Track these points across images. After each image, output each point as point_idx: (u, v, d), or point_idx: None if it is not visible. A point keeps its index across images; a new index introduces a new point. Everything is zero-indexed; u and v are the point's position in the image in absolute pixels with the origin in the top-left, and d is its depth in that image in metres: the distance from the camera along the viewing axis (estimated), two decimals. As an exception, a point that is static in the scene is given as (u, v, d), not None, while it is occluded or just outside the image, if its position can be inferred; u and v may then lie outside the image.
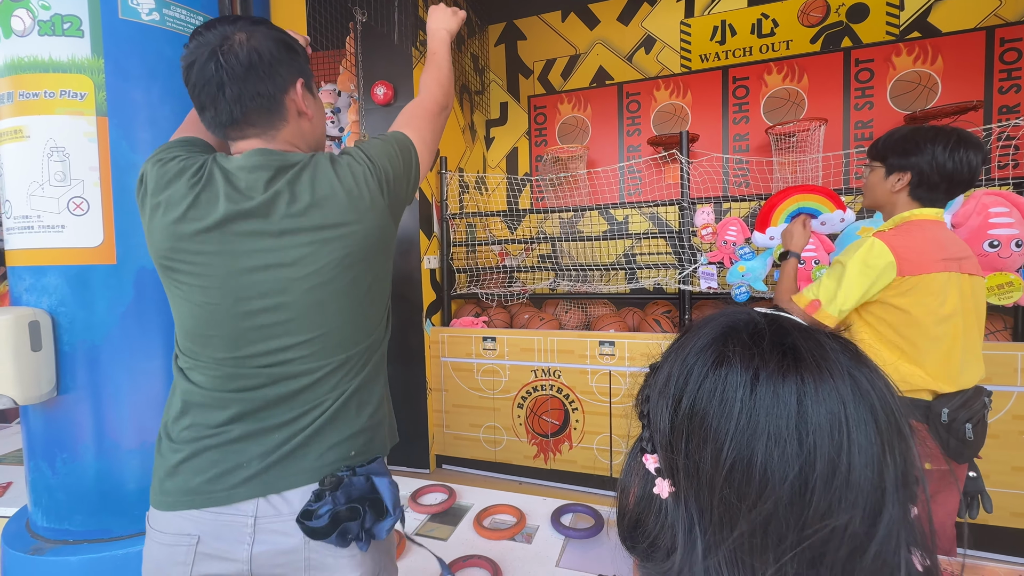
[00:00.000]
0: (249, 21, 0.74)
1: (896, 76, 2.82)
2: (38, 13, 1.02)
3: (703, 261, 2.47)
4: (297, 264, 0.70)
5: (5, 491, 1.42)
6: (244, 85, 0.71)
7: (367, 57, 2.78)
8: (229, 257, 0.70)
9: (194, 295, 0.71)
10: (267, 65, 0.72)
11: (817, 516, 0.31)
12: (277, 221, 0.70)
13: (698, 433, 0.35)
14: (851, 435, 0.31)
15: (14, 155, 1.05)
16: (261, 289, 0.70)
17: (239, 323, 0.70)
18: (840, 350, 0.34)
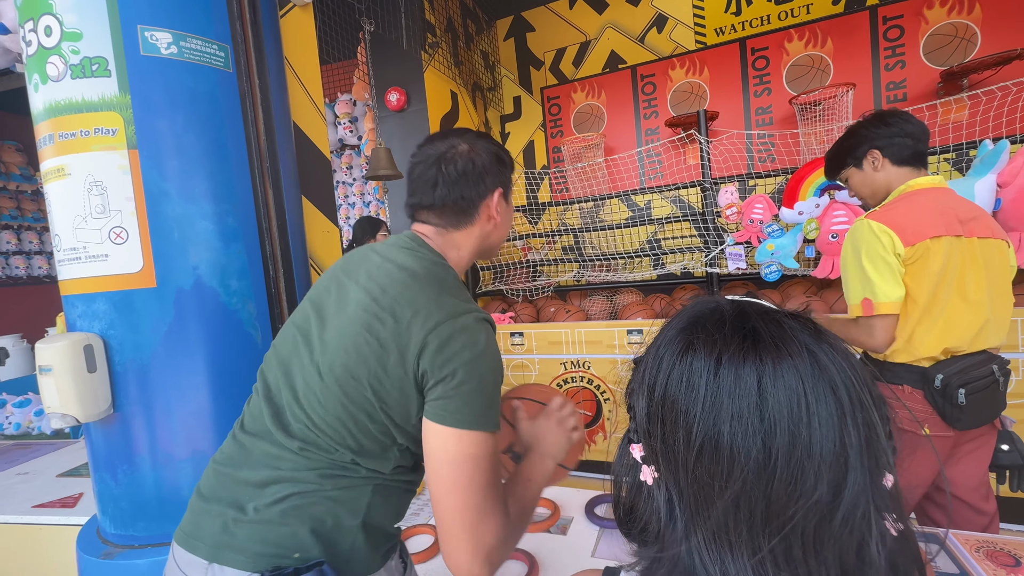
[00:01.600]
0: (474, 135, 0.82)
1: (929, 31, 2.65)
2: (69, 58, 1.09)
3: (730, 242, 2.41)
4: (338, 350, 0.71)
5: (77, 501, 1.54)
6: (453, 188, 0.78)
7: (378, 65, 2.83)
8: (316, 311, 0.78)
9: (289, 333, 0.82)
10: (479, 174, 0.79)
11: (783, 487, 0.33)
12: (367, 301, 0.74)
13: (670, 418, 0.37)
14: (810, 408, 0.33)
15: (59, 192, 1.12)
16: (307, 363, 0.74)
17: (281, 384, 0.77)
18: (800, 329, 0.36)
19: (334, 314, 0.74)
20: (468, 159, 0.78)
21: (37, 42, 1.11)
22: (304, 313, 0.78)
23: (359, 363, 0.69)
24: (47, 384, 1.07)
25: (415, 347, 0.67)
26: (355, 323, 0.71)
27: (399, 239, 0.81)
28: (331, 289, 0.77)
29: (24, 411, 2.75)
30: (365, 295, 0.73)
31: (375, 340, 0.69)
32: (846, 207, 2.14)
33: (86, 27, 1.08)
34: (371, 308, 0.71)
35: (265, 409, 0.74)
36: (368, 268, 0.76)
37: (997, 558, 0.94)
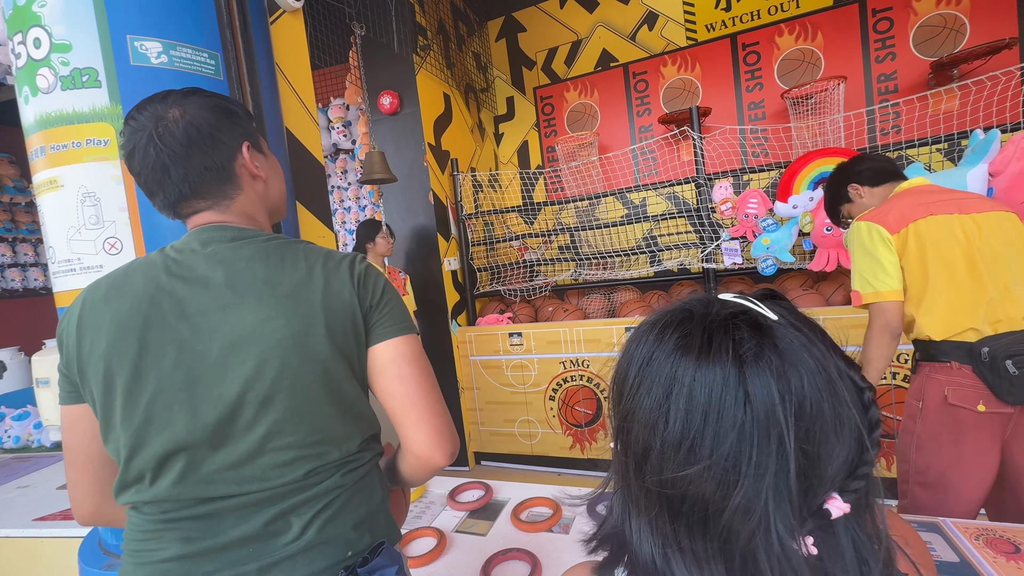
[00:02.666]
0: (180, 94, 0.70)
1: (918, 22, 2.66)
2: (59, 70, 1.08)
3: (725, 237, 2.41)
4: (253, 364, 0.63)
5: (78, 513, 1.54)
6: (188, 162, 0.67)
7: (370, 69, 2.83)
8: (181, 356, 0.62)
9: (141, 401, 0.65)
10: (208, 136, 0.68)
11: (670, 469, 0.37)
12: (232, 314, 0.64)
13: (615, 396, 0.43)
14: (708, 416, 0.36)
15: (52, 204, 1.12)
16: (217, 392, 0.63)
17: (195, 431, 0.63)
18: (745, 340, 0.37)
19: (232, 342, 0.63)
20: (187, 124, 0.67)
21: (26, 54, 1.11)
22: (159, 383, 0.62)
23: (320, 348, 0.65)
24: (45, 397, 1.07)
25: (348, 294, 0.69)
26: (272, 340, 0.63)
27: (203, 235, 0.68)
28: (178, 329, 0.63)
29: (23, 424, 2.74)
30: (255, 300, 0.64)
31: (317, 320, 0.65)
32: (840, 200, 2.15)
33: (75, 38, 1.08)
34: (279, 303, 0.64)
35: (208, 475, 0.63)
36: (213, 281, 0.65)
37: (996, 545, 0.95)
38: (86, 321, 0.65)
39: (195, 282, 0.65)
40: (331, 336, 0.66)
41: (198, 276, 0.65)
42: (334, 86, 3.61)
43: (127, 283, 0.65)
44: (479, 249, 3.18)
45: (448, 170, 3.07)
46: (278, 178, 0.80)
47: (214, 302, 0.64)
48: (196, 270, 0.66)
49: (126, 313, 0.63)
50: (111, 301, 0.64)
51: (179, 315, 0.63)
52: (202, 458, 0.62)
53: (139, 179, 0.69)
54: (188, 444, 0.61)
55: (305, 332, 0.65)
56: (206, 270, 0.65)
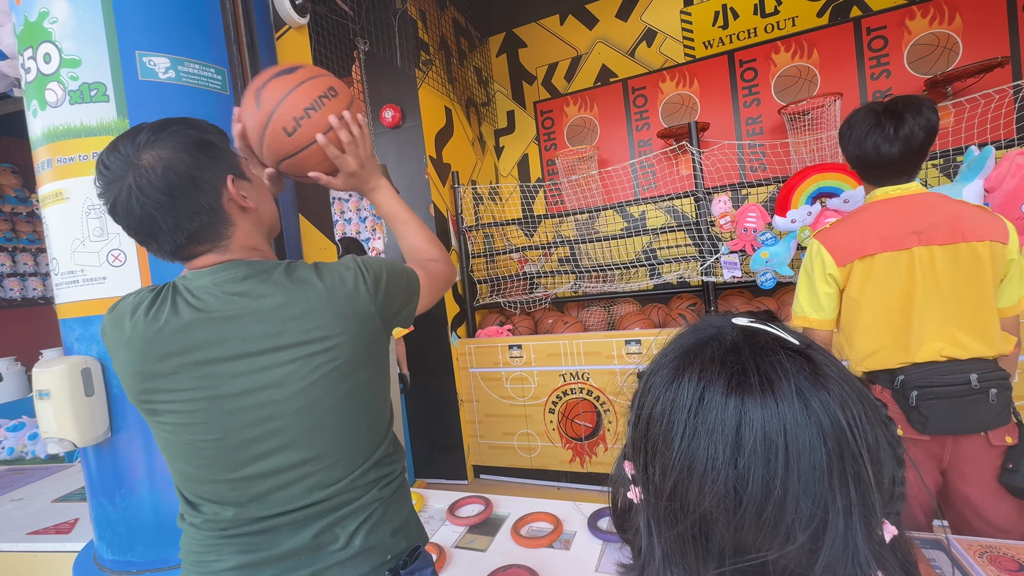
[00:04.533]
0: (151, 131, 0.65)
1: (912, 40, 2.71)
2: (68, 84, 1.10)
3: (724, 251, 2.43)
4: (281, 385, 0.64)
5: (73, 527, 1.52)
6: (175, 211, 0.64)
7: (372, 83, 2.87)
8: (208, 386, 0.64)
9: (180, 435, 0.66)
10: (188, 180, 0.64)
11: (751, 536, 0.32)
12: (255, 340, 0.64)
13: (651, 448, 0.37)
14: (789, 462, 0.31)
15: (57, 216, 1.13)
16: (249, 418, 0.64)
17: (234, 456, 0.65)
18: (796, 371, 0.34)
19: (250, 381, 0.65)
20: (166, 170, 0.63)
21: (36, 69, 1.12)
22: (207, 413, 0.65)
23: (341, 377, 0.69)
24: (44, 409, 1.06)
25: (363, 300, 0.70)
26: (294, 364, 0.65)
27: (216, 276, 0.67)
28: (210, 371, 0.65)
29: (18, 435, 2.72)
30: (268, 342, 0.65)
31: (332, 344, 0.67)
32: (837, 214, 2.17)
33: (85, 54, 1.10)
34: (299, 337, 0.66)
35: (264, 501, 0.68)
36: (230, 327, 0.65)
37: (1000, 563, 0.94)
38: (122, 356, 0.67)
39: (219, 320, 0.65)
40: (354, 346, 0.71)
41: (219, 314, 0.65)
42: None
43: (157, 318, 0.65)
44: (479, 261, 3.19)
45: (449, 183, 3.10)
46: (266, 200, 0.77)
47: (244, 345, 0.65)
48: (213, 306, 0.66)
49: (161, 354, 0.64)
50: (139, 337, 0.65)
51: (212, 359, 0.65)
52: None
53: (128, 231, 0.66)
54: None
55: (334, 348, 0.68)
56: (223, 306, 0.66)
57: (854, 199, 2.13)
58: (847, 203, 2.15)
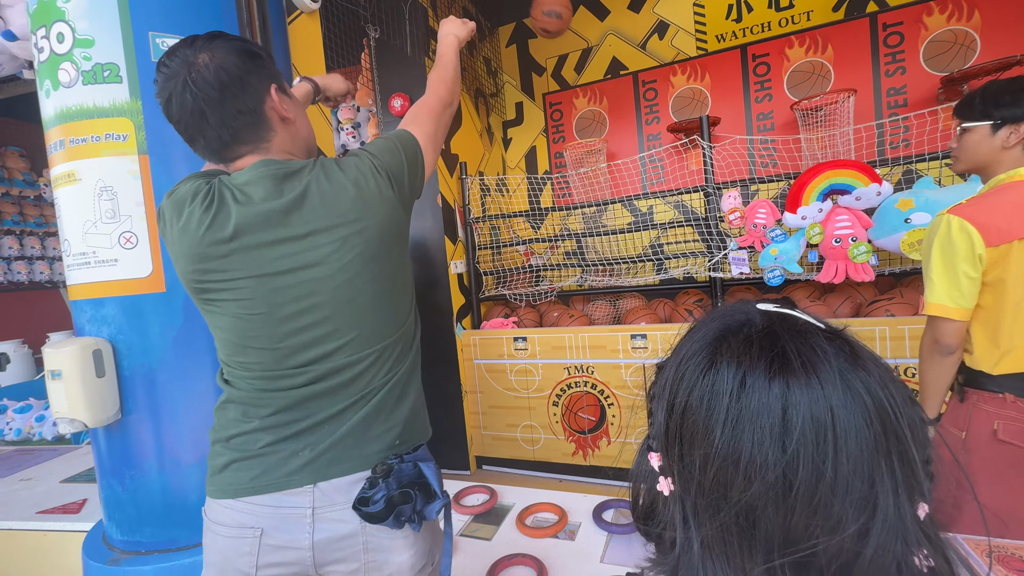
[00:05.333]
0: (206, 39, 0.74)
1: (929, 37, 2.67)
2: (81, 64, 1.09)
3: (733, 247, 2.41)
4: (322, 264, 0.73)
5: (81, 507, 1.53)
6: (223, 107, 0.71)
7: (382, 71, 2.85)
8: (256, 267, 0.72)
9: (230, 310, 0.74)
10: (237, 80, 0.72)
11: (802, 521, 0.31)
12: (296, 225, 0.72)
13: (688, 437, 0.36)
14: (838, 442, 0.31)
15: (69, 197, 1.13)
16: (293, 294, 0.73)
17: (277, 329, 0.73)
18: (835, 353, 0.34)
19: (292, 259, 0.73)
20: (218, 68, 0.70)
21: (49, 48, 1.12)
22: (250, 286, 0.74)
23: (373, 255, 0.76)
24: (56, 389, 1.07)
25: (384, 191, 0.78)
26: (335, 237, 0.74)
27: (255, 171, 0.74)
28: (258, 251, 0.73)
29: (25, 417, 2.74)
30: (309, 228, 0.73)
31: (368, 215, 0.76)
32: (849, 211, 2.15)
33: (98, 34, 1.09)
34: (335, 220, 0.74)
35: (294, 366, 0.76)
36: (268, 210, 0.73)
37: (1009, 563, 0.94)
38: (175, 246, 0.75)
39: (263, 211, 0.72)
40: (381, 226, 0.77)
41: (264, 201, 0.73)
42: (345, 88, 3.63)
43: (209, 208, 0.72)
44: (485, 253, 3.18)
45: (457, 173, 3.08)
46: (305, 118, 0.86)
47: (285, 228, 0.72)
48: (259, 196, 0.73)
49: (214, 240, 0.72)
50: (195, 223, 0.72)
51: (258, 244, 0.72)
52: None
53: (179, 126, 0.74)
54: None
55: (364, 230, 0.75)
56: (266, 196, 0.73)
57: (866, 197, 2.12)
58: (859, 200, 2.13)
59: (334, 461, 0.75)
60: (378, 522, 0.71)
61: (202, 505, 1.17)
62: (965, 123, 1.21)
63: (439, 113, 0.94)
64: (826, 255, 2.19)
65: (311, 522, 0.73)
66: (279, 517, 0.73)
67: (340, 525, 0.74)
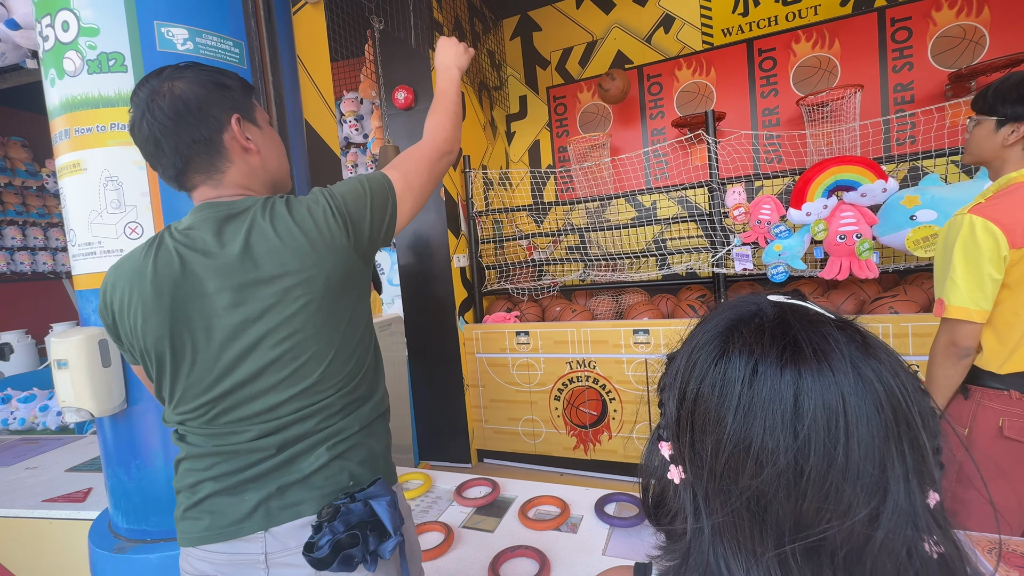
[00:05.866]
0: (176, 68, 0.74)
1: (937, 33, 2.65)
2: (86, 53, 1.09)
3: (736, 243, 2.41)
4: (264, 317, 0.70)
5: (86, 496, 1.55)
6: (178, 136, 0.71)
7: (386, 63, 2.83)
8: (204, 319, 0.70)
9: (183, 367, 0.72)
10: (195, 109, 0.71)
11: (813, 506, 0.32)
12: (236, 274, 0.69)
13: (700, 424, 0.37)
14: (849, 428, 0.32)
15: (74, 187, 1.13)
16: (237, 347, 0.70)
17: (223, 380, 0.71)
18: (847, 342, 0.34)
19: (227, 319, 0.70)
20: (175, 98, 0.70)
21: (54, 37, 1.11)
22: (181, 346, 0.72)
23: (316, 309, 0.72)
24: (62, 378, 1.07)
25: (335, 233, 0.73)
26: (276, 296, 0.70)
27: (200, 213, 0.73)
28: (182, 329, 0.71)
29: (29, 406, 2.76)
30: (254, 276, 0.70)
31: (311, 278, 0.72)
32: (854, 208, 2.15)
33: (103, 22, 1.09)
34: (276, 271, 0.70)
35: (244, 419, 0.73)
36: (215, 262, 0.71)
37: (1010, 560, 0.94)
38: (117, 306, 0.74)
39: (202, 257, 0.71)
40: (328, 277, 0.73)
41: (204, 251, 0.71)
42: (347, 80, 3.61)
43: (146, 266, 0.72)
44: (488, 247, 3.18)
45: (460, 167, 3.07)
46: (276, 151, 0.83)
47: (225, 278, 0.70)
48: (200, 246, 0.72)
49: (151, 295, 0.70)
50: (135, 284, 0.72)
51: (198, 293, 0.70)
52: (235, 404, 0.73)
53: (142, 153, 0.75)
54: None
55: (308, 281, 0.71)
56: (208, 246, 0.71)
57: (871, 193, 2.11)
58: (864, 197, 2.13)
59: (283, 506, 0.72)
60: (325, 567, 0.67)
61: (207, 495, 1.18)
62: (975, 115, 1.21)
63: (433, 162, 0.87)
64: (830, 252, 2.18)
65: (265, 568, 0.72)
66: (234, 563, 0.72)
67: (294, 571, 0.71)
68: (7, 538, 1.51)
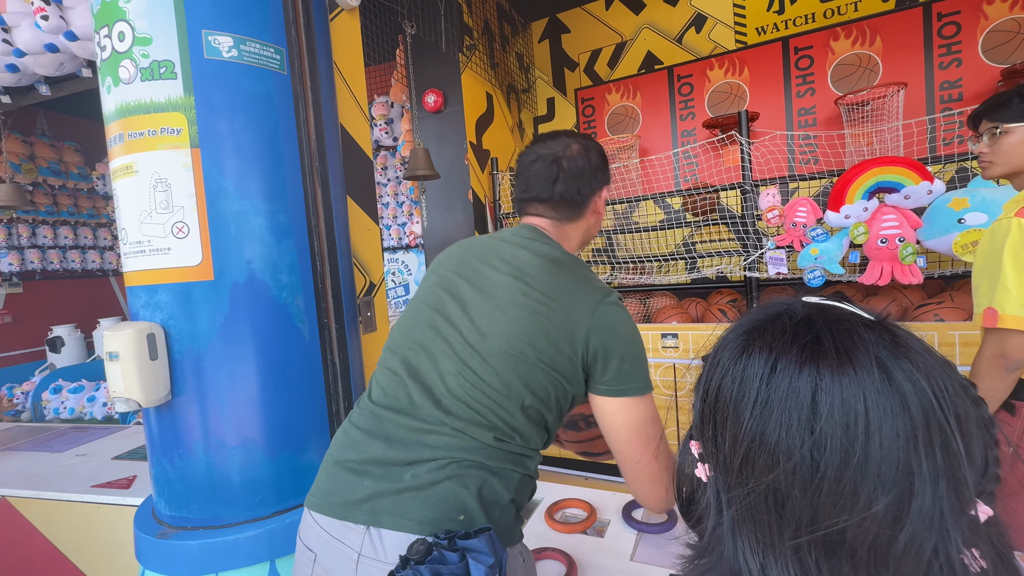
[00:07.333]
0: (583, 137, 0.92)
1: (989, 27, 2.52)
2: (140, 62, 1.15)
3: (771, 245, 2.34)
4: (501, 332, 0.77)
5: (131, 483, 1.62)
6: (571, 183, 0.87)
7: (416, 67, 2.88)
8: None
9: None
10: (592, 171, 0.88)
11: (829, 504, 0.32)
12: (517, 276, 0.81)
13: (720, 419, 0.37)
14: (870, 428, 0.31)
15: (127, 189, 1.19)
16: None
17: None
18: (874, 341, 0.33)
19: (480, 298, 0.80)
20: (585, 158, 0.87)
21: (111, 47, 1.18)
22: (437, 297, 0.84)
23: (528, 345, 0.75)
24: (113, 370, 1.13)
25: (583, 328, 0.76)
26: (514, 307, 0.78)
27: (521, 230, 0.89)
28: (464, 275, 0.84)
29: (78, 397, 2.91)
30: (513, 280, 0.80)
31: (544, 321, 0.76)
32: (897, 211, 2.06)
33: (156, 32, 1.14)
34: (528, 292, 0.78)
35: (412, 387, 0.78)
36: (501, 255, 0.84)
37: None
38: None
39: (493, 248, 0.85)
40: (545, 345, 0.75)
41: (495, 247, 0.86)
42: (378, 84, 3.68)
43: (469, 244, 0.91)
44: (514, 249, 3.19)
45: (488, 169, 3.10)
46: (600, 223, 0.98)
47: (491, 267, 0.83)
48: (498, 244, 0.87)
49: (452, 256, 0.90)
50: (454, 249, 0.92)
51: (468, 265, 0.85)
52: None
53: (527, 179, 0.90)
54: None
55: (529, 325, 0.76)
56: (510, 254, 0.85)
57: (916, 195, 2.02)
58: (908, 199, 2.04)
59: (392, 510, 0.69)
60: None
61: (244, 486, 1.22)
62: (1005, 124, 1.16)
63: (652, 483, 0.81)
64: (871, 256, 2.10)
65: (355, 567, 0.68)
66: (331, 549, 0.71)
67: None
68: (59, 521, 1.59)
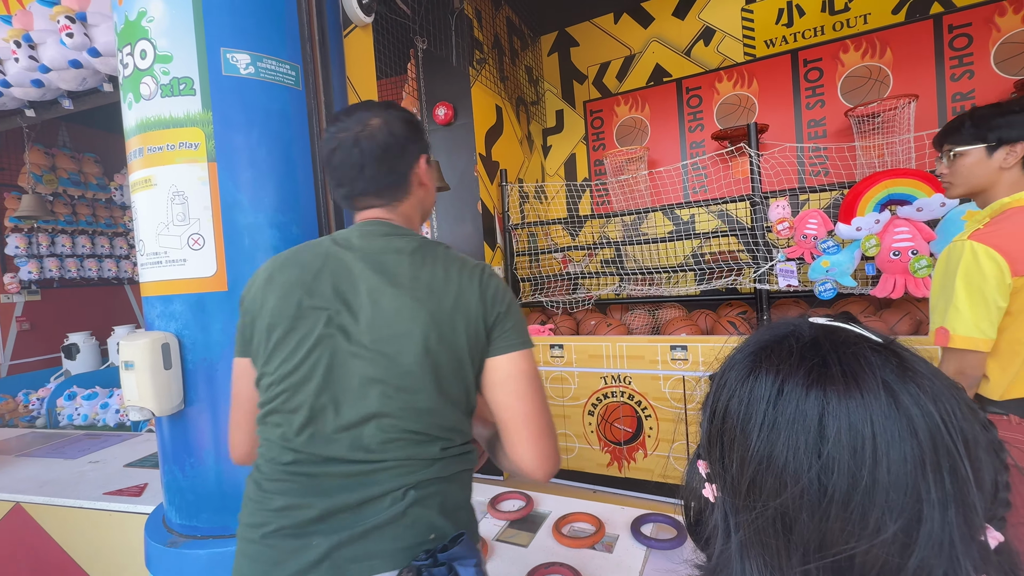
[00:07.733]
0: (382, 106, 0.82)
1: (1001, 38, 2.51)
2: (160, 79, 1.18)
3: (781, 258, 2.33)
4: (414, 348, 0.72)
5: (142, 491, 1.64)
6: (379, 165, 0.79)
7: (427, 80, 2.92)
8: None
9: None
10: (400, 146, 0.80)
11: (837, 529, 0.31)
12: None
13: (728, 442, 0.37)
14: (877, 452, 0.31)
15: (145, 201, 1.22)
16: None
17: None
18: (881, 364, 0.33)
19: (372, 322, 0.71)
20: (387, 132, 0.78)
21: (133, 65, 1.21)
22: (315, 338, 0.72)
23: (438, 346, 0.72)
24: (128, 379, 1.15)
25: (477, 303, 0.75)
26: (410, 319, 0.71)
27: (363, 228, 0.80)
28: (327, 306, 0.72)
29: (91, 403, 2.95)
30: (394, 288, 0.73)
31: (442, 314, 0.73)
32: (909, 223, 2.04)
33: (176, 50, 1.18)
34: (416, 295, 0.73)
35: (326, 433, 0.71)
36: (364, 263, 0.74)
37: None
38: (265, 286, 0.79)
39: (350, 266, 0.76)
40: (452, 338, 0.73)
41: (352, 263, 0.76)
42: (389, 97, 3.75)
43: (297, 256, 0.79)
44: (523, 259, 3.20)
45: (497, 180, 3.12)
46: (434, 189, 0.92)
47: (363, 284, 0.74)
48: (350, 258, 0.77)
49: (294, 280, 0.75)
50: (284, 270, 0.77)
51: (334, 291, 0.74)
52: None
53: (333, 171, 0.81)
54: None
55: (430, 328, 0.72)
56: (358, 259, 0.76)
57: (928, 208, 2.00)
58: (920, 211, 2.02)
59: (356, 557, 0.67)
60: None
61: (253, 495, 1.23)
62: (957, 148, 1.19)
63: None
64: (883, 268, 2.08)
65: None
66: None
67: None
68: (71, 527, 1.61)
